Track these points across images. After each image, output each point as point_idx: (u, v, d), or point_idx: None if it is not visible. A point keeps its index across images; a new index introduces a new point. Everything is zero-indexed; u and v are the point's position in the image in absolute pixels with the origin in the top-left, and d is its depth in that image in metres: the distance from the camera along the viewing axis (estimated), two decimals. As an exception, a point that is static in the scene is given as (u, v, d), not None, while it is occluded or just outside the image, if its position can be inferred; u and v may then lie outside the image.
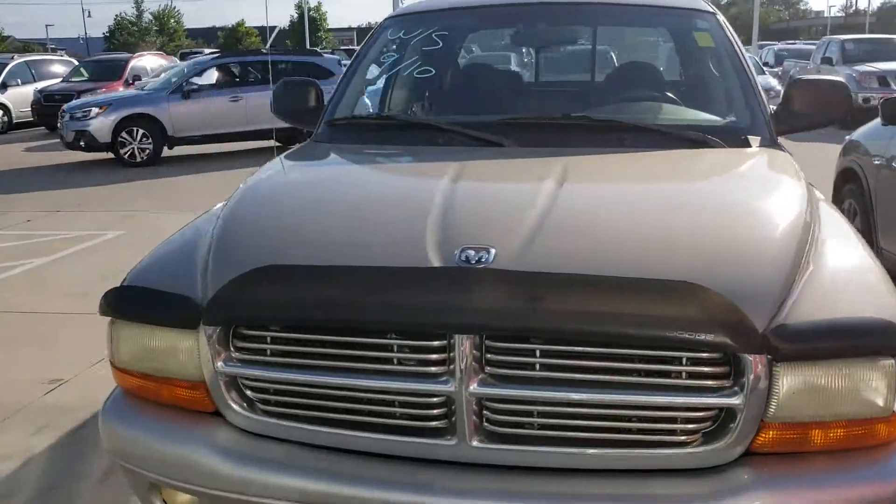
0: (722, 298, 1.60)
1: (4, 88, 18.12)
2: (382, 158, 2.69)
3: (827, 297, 1.73)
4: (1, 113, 17.89)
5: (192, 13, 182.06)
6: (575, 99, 3.04)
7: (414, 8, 3.44)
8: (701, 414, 1.63)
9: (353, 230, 2.00)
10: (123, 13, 60.88)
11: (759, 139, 2.67)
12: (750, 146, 2.64)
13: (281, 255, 1.86)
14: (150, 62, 20.09)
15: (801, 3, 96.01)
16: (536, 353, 1.65)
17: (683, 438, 1.64)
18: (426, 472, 1.70)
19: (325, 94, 3.18)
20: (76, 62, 20.61)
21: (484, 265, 1.70)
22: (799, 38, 57.38)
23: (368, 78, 3.31)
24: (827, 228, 2.06)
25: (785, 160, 2.56)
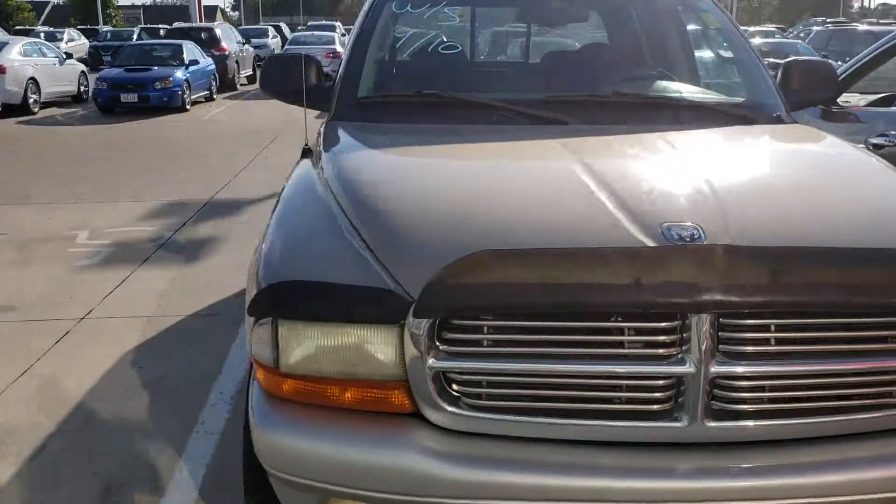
0: None
1: None
2: (467, 137, 2.56)
3: None
4: None
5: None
6: (614, 76, 3.06)
7: None
8: None
9: (531, 211, 1.89)
10: None
11: (785, 115, 2.85)
12: (783, 122, 2.81)
13: (479, 239, 1.73)
14: None
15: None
16: (771, 327, 1.66)
17: None
18: (665, 456, 1.66)
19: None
20: None
21: (698, 241, 1.68)
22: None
23: (380, 53, 3.16)
24: None
25: (827, 134, 2.75)
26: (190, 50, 17.85)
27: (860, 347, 1.68)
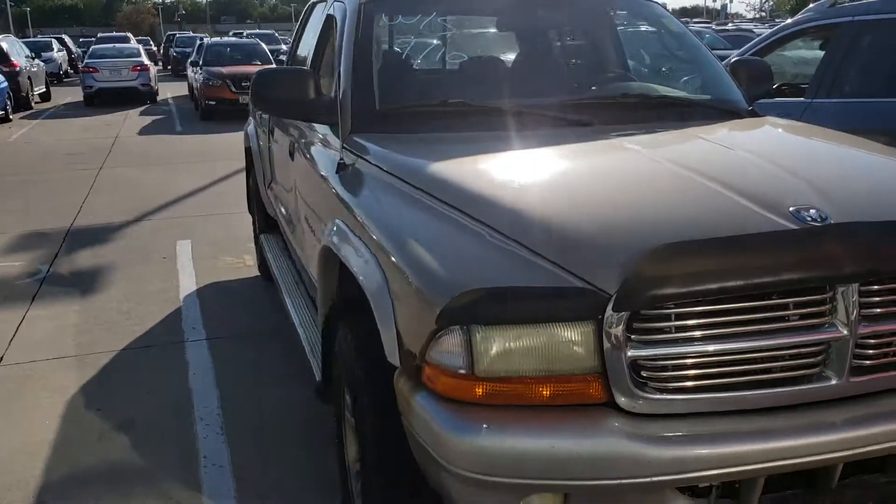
0: None
1: None
2: (525, 143, 2.64)
3: None
4: None
5: None
6: (606, 78, 3.25)
7: None
8: None
9: (673, 206, 2.04)
10: None
11: (757, 110, 3.21)
12: (758, 116, 3.17)
13: (651, 235, 1.85)
14: None
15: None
16: None
17: None
18: (824, 412, 1.87)
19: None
20: None
21: (828, 221, 1.92)
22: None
23: (385, 64, 3.18)
24: None
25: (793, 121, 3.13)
26: (-22, 67, 16.27)
27: None
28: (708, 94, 3.27)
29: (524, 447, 1.77)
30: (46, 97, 21.96)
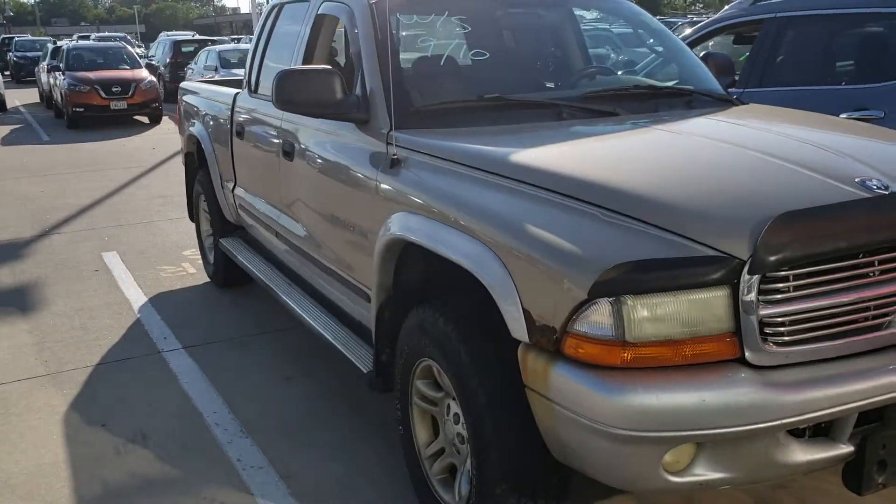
0: None
1: None
2: (573, 132, 2.82)
3: None
4: None
5: None
6: (603, 71, 3.47)
7: None
8: None
9: (765, 180, 2.27)
10: None
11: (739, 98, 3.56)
12: (745, 104, 3.49)
13: (764, 205, 2.06)
14: None
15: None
16: None
17: None
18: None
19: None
20: None
21: (891, 188, 2.22)
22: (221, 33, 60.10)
23: (409, 62, 3.27)
24: None
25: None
26: None
27: None
28: (699, 85, 3.56)
29: (678, 402, 1.95)
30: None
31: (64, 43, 19.48)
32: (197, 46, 21.63)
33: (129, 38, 33.36)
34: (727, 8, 5.56)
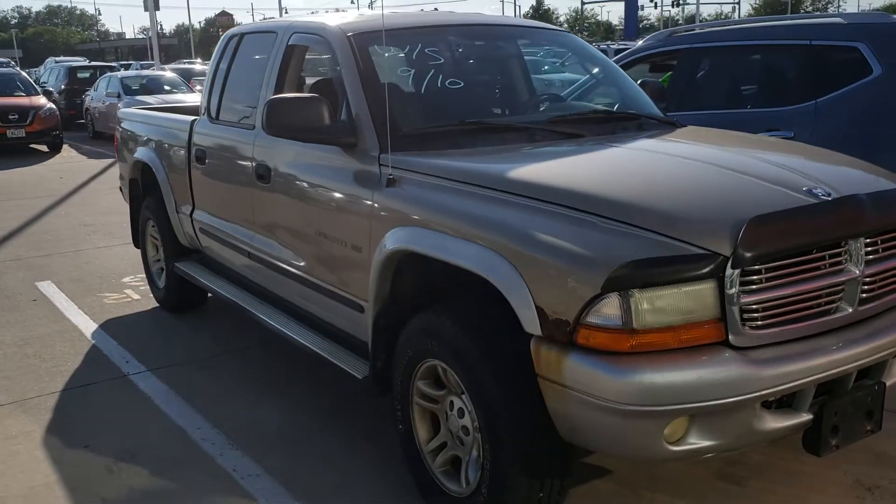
0: None
1: None
2: (554, 152, 3.14)
3: None
4: None
5: None
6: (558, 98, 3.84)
7: (396, 24, 3.72)
8: None
9: (731, 189, 2.64)
10: None
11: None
12: (686, 126, 3.92)
13: (739, 209, 2.42)
14: None
15: (99, 24, 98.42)
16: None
17: None
18: (853, 331, 2.57)
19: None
20: None
21: (836, 196, 2.62)
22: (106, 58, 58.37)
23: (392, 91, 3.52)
24: None
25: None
26: None
27: None
28: (642, 109, 3.95)
29: (679, 379, 2.28)
30: None
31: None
32: (93, 72, 21.10)
33: (12, 63, 31.99)
34: (647, 38, 6.07)
